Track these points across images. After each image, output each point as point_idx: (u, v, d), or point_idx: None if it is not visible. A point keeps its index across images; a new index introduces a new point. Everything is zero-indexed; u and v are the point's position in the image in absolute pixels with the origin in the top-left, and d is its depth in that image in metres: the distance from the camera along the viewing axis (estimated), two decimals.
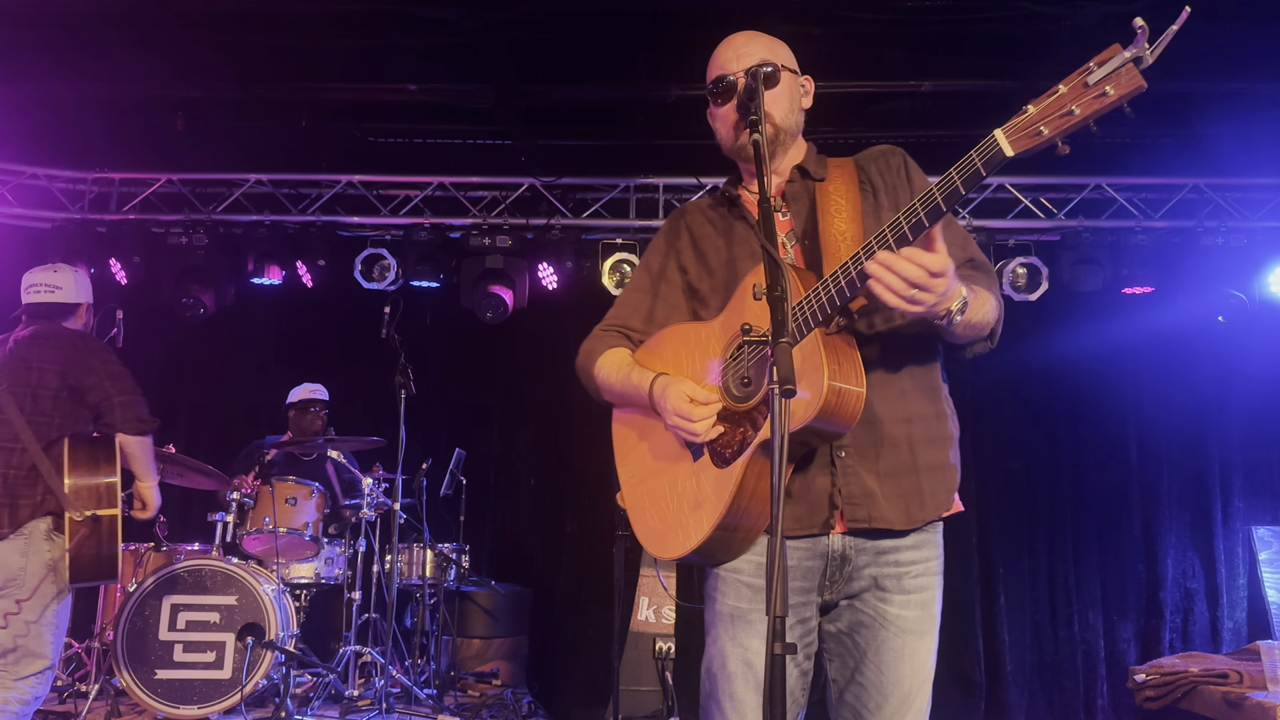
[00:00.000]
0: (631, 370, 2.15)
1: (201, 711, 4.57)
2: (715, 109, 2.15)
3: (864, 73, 5.87)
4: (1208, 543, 6.48)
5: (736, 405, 1.92)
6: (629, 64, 5.87)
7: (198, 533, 5.43)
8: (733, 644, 1.95)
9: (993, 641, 6.57)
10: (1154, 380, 6.56)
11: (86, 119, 6.57)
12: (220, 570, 4.76)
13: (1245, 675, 3.55)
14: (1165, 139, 6.42)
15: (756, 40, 2.15)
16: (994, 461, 6.61)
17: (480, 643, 6.19)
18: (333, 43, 5.71)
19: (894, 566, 1.97)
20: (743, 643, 1.94)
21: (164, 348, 6.83)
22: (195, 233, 6.65)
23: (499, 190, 6.77)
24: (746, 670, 1.92)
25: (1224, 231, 6.38)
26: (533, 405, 6.85)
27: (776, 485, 1.50)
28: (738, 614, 1.96)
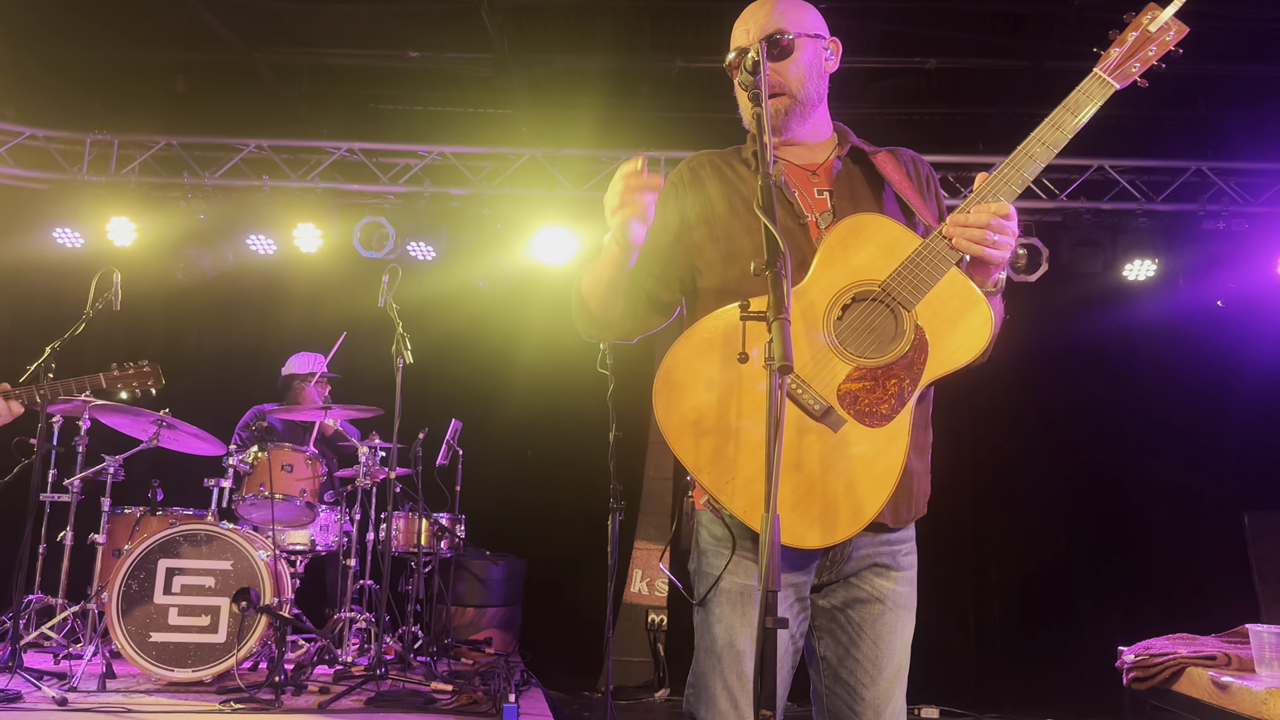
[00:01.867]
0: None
1: (196, 675, 4.59)
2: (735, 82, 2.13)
3: (869, 48, 5.84)
4: (1200, 525, 6.51)
5: (874, 361, 1.90)
6: (633, 35, 5.83)
7: (194, 498, 5.44)
8: (743, 622, 1.91)
9: (981, 618, 6.61)
10: (1152, 363, 6.56)
11: (86, 81, 6.53)
12: (216, 535, 4.78)
13: (1234, 658, 3.58)
14: (1169, 121, 6.40)
15: (765, 7, 2.12)
16: (990, 441, 6.62)
17: (474, 611, 6.23)
18: (334, 7, 5.66)
19: (888, 546, 2.06)
20: (753, 620, 1.91)
21: (161, 312, 6.82)
22: (194, 197, 6.63)
23: (499, 160, 6.73)
24: (754, 647, 1.91)
25: (1226, 215, 6.37)
26: (530, 376, 6.85)
27: (773, 462, 1.50)
28: (748, 591, 1.93)
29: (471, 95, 6.66)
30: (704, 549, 1.99)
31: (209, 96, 6.63)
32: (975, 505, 6.67)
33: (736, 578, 1.93)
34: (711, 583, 1.95)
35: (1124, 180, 6.46)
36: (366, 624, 5.43)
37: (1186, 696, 3.68)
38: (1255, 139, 6.31)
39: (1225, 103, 6.21)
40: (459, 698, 4.61)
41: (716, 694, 1.90)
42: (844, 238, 1.95)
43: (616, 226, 1.95)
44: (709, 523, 1.99)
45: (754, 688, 1.52)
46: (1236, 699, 3.31)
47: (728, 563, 1.94)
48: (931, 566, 7.55)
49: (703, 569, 1.99)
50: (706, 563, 1.98)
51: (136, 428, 5.32)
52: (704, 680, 1.92)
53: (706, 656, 1.93)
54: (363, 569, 5.61)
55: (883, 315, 1.93)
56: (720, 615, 1.93)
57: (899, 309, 1.92)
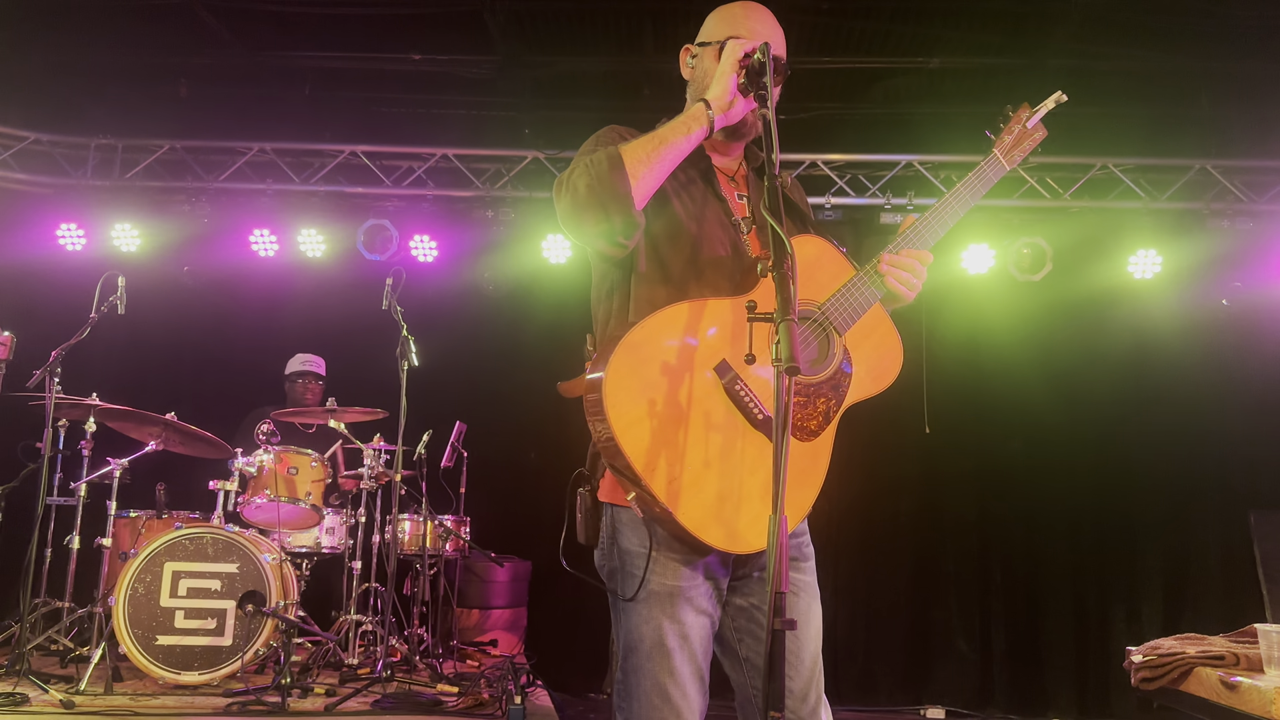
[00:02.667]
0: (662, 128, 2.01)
1: (202, 678, 4.60)
2: (710, 62, 2.15)
3: (872, 48, 5.83)
4: (1206, 523, 6.49)
5: (808, 380, 2.00)
6: (635, 36, 5.83)
7: (198, 501, 5.45)
8: (670, 621, 1.94)
9: (986, 618, 6.60)
10: (1157, 361, 6.54)
11: (89, 85, 6.54)
12: (222, 538, 4.78)
13: (1242, 657, 3.56)
14: (1173, 119, 6.38)
15: (779, 31, 2.19)
16: (995, 441, 6.61)
17: (479, 613, 6.22)
18: (337, 10, 5.67)
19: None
20: (680, 618, 1.94)
21: (166, 315, 6.82)
22: (198, 200, 6.63)
23: (503, 163, 6.74)
24: (683, 644, 1.94)
25: (1231, 214, 6.35)
26: (535, 378, 6.83)
27: (780, 462, 1.50)
28: (676, 591, 1.94)
29: (474, 97, 6.67)
30: (626, 548, 1.99)
31: (212, 100, 6.63)
32: (981, 505, 6.65)
33: (664, 579, 1.95)
34: (637, 583, 1.95)
35: (1128, 179, 6.44)
36: (372, 626, 5.44)
37: (1195, 696, 3.67)
38: (1260, 137, 6.29)
39: (1230, 100, 6.20)
40: (465, 699, 4.61)
41: (648, 691, 1.93)
42: (803, 256, 1.99)
43: (722, 93, 1.99)
44: (632, 522, 1.98)
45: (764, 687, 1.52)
46: (1245, 698, 3.30)
47: (652, 566, 1.94)
48: (937, 568, 7.55)
49: (627, 569, 1.99)
50: (631, 563, 1.98)
51: (142, 431, 5.33)
52: (635, 678, 1.96)
53: (635, 655, 1.96)
54: (368, 571, 5.61)
55: (817, 336, 2.02)
56: (648, 615, 1.95)
57: (831, 332, 2.02)
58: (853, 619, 6.62)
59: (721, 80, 2.00)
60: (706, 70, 2.16)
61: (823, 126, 6.42)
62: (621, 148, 1.95)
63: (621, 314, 2.06)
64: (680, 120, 2.01)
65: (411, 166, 6.73)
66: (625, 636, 1.99)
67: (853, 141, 6.52)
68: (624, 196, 1.92)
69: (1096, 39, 5.55)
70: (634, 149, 1.95)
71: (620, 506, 2.00)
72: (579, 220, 1.97)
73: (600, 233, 1.97)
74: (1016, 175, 6.49)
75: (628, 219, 1.94)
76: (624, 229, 1.96)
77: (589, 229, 1.97)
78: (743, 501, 1.90)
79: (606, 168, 1.92)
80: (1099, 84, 6.07)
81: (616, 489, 1.99)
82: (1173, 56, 5.72)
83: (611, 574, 2.02)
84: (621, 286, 2.09)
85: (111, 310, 4.99)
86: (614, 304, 2.10)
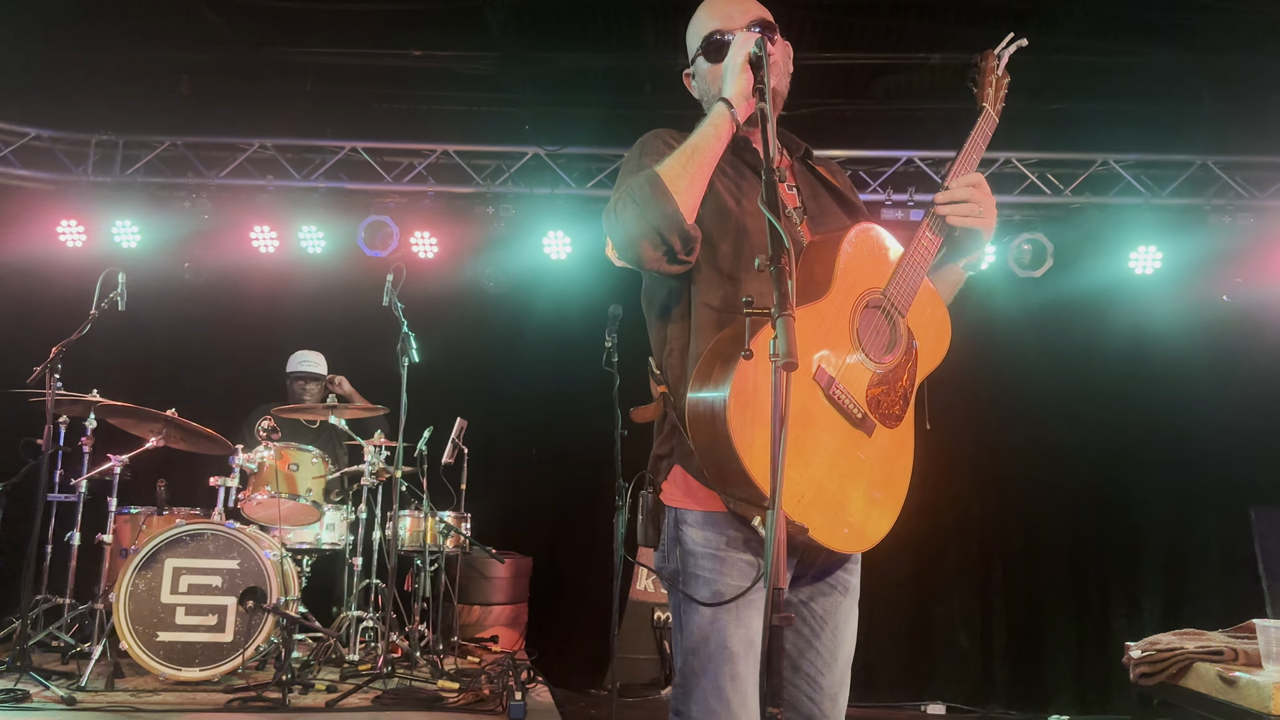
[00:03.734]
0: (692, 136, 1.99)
1: (203, 674, 4.61)
2: (711, 67, 2.15)
3: (873, 44, 5.83)
4: (1206, 519, 6.49)
5: (886, 367, 2.01)
6: (636, 31, 5.83)
7: (200, 497, 5.45)
8: (736, 623, 1.91)
9: (987, 614, 6.61)
10: (1158, 356, 6.54)
11: (90, 81, 6.53)
12: (223, 534, 4.79)
13: (1241, 653, 3.57)
14: (1174, 115, 6.38)
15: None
16: (996, 437, 6.61)
17: (480, 609, 6.23)
18: (338, 6, 5.66)
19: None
20: (747, 622, 1.91)
21: (167, 312, 6.83)
22: (199, 196, 6.63)
23: (503, 159, 6.73)
24: (749, 649, 1.91)
25: (1232, 210, 6.34)
26: (535, 374, 6.85)
27: (777, 457, 1.50)
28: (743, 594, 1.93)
29: (475, 93, 6.66)
30: (691, 550, 1.97)
31: (213, 96, 6.63)
32: (982, 502, 6.66)
33: (731, 580, 1.93)
34: (706, 585, 1.93)
35: (1129, 175, 6.43)
36: (373, 622, 5.44)
37: (1193, 692, 3.67)
38: (1261, 133, 6.28)
39: (1231, 97, 6.19)
40: (465, 695, 4.62)
41: (708, 694, 1.90)
42: (857, 247, 2.00)
43: (740, 88, 1.98)
44: (699, 523, 1.97)
45: (760, 686, 1.52)
46: (1244, 694, 3.31)
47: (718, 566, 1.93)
48: (938, 564, 7.56)
49: (691, 570, 1.96)
50: (697, 565, 1.96)
51: (143, 428, 5.33)
52: (695, 680, 1.92)
53: (696, 657, 1.92)
54: (369, 568, 5.62)
55: (884, 321, 2.01)
56: (714, 617, 1.92)
57: (895, 315, 2.02)
58: None
59: (736, 77, 2.00)
60: (706, 72, 2.16)
61: (824, 122, 6.41)
62: (657, 168, 1.94)
63: (684, 322, 2.04)
64: (708, 124, 2.00)
65: (412, 163, 6.73)
66: (687, 638, 1.95)
67: (854, 137, 6.52)
68: (672, 214, 1.91)
69: (1098, 35, 5.55)
70: (669, 165, 1.95)
71: (686, 509, 1.99)
72: (636, 249, 1.94)
73: (660, 255, 1.95)
74: (1018, 172, 6.49)
75: (683, 234, 1.93)
76: (683, 245, 1.94)
77: (648, 254, 1.95)
78: (846, 501, 1.91)
79: (648, 190, 1.92)
80: (1100, 80, 6.07)
81: (684, 492, 1.99)
82: (1174, 52, 5.72)
83: (674, 576, 2.00)
84: (680, 294, 2.06)
85: (112, 307, 4.99)
86: (674, 315, 2.07)
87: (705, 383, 1.85)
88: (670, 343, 2.07)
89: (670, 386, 2.04)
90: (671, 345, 2.06)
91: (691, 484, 1.98)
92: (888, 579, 6.62)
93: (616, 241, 1.97)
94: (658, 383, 2.07)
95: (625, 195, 1.95)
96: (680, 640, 1.97)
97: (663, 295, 2.11)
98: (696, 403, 1.85)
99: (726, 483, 1.85)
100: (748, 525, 1.90)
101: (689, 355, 2.01)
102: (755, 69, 1.96)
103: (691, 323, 2.02)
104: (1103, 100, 6.28)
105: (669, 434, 2.04)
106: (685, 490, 1.99)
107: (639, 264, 1.98)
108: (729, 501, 1.89)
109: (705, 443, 1.83)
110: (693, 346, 2.01)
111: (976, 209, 2.07)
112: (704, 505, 1.96)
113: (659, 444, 2.08)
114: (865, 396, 1.95)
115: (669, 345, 2.07)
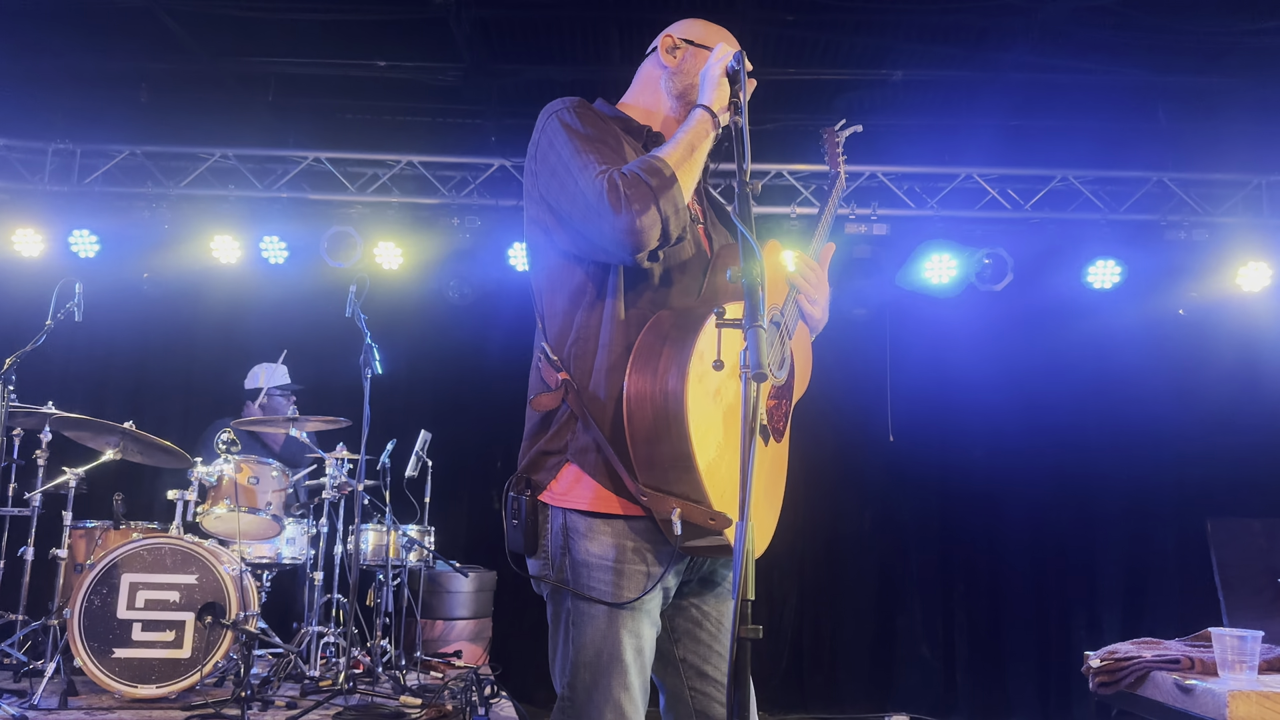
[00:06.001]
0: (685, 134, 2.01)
1: (160, 691, 4.52)
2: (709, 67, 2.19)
3: (835, 61, 5.88)
4: (1163, 531, 6.59)
5: (778, 381, 2.08)
6: (602, 45, 5.85)
7: (158, 511, 5.37)
8: (629, 634, 1.89)
9: (950, 625, 6.66)
10: (1115, 370, 6.65)
11: (48, 89, 6.44)
12: (181, 549, 4.71)
13: (1197, 661, 3.62)
14: (1131, 133, 6.49)
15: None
16: (956, 449, 6.68)
17: (443, 624, 6.18)
18: (301, 16, 5.63)
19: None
20: (637, 631, 1.90)
21: (125, 323, 6.73)
22: (158, 206, 6.55)
23: (469, 170, 6.72)
24: (638, 658, 1.90)
25: (1187, 226, 6.47)
26: (500, 387, 6.81)
27: (747, 466, 1.51)
28: (639, 604, 1.90)
29: (440, 105, 6.65)
30: (583, 560, 1.91)
31: (173, 105, 6.55)
32: (943, 514, 6.72)
33: (627, 592, 1.89)
34: (599, 595, 1.89)
35: (1087, 190, 6.54)
36: (334, 638, 5.38)
37: (1151, 700, 3.72)
38: (1215, 150, 6.41)
39: (1185, 114, 6.32)
40: (429, 711, 4.57)
41: (601, 708, 1.87)
42: (768, 262, 2.00)
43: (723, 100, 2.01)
44: (592, 530, 1.91)
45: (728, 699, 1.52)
46: (1200, 702, 3.35)
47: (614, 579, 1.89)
48: (900, 576, 7.62)
49: (583, 581, 1.91)
50: (588, 575, 1.90)
51: (99, 440, 5.24)
52: (588, 694, 1.89)
53: (588, 671, 1.89)
54: (330, 582, 5.56)
55: (779, 339, 2.07)
56: (607, 629, 1.89)
57: (785, 336, 2.09)
58: (817, 627, 6.66)
59: (720, 89, 2.02)
60: (695, 69, 2.16)
61: (786, 137, 6.47)
62: (664, 155, 1.93)
63: (596, 310, 1.97)
64: (699, 128, 2.00)
65: (376, 173, 6.70)
66: (577, 652, 1.90)
67: (816, 152, 6.55)
68: (684, 208, 1.94)
69: (1056, 53, 5.64)
70: (675, 158, 1.94)
71: (577, 512, 1.92)
72: (640, 237, 1.87)
73: (656, 247, 1.91)
74: (978, 186, 6.57)
75: (680, 229, 1.93)
76: (676, 239, 1.94)
77: (649, 243, 1.89)
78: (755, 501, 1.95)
79: (664, 176, 1.90)
80: (1058, 97, 6.17)
81: (573, 492, 1.93)
82: (1130, 70, 5.83)
83: (559, 586, 1.93)
84: (600, 282, 2.00)
85: (69, 317, 4.91)
86: (585, 302, 2.00)
87: (652, 366, 1.84)
88: (578, 330, 1.99)
89: (573, 375, 1.97)
90: (579, 333, 1.99)
91: (586, 483, 1.92)
92: (850, 591, 6.66)
93: (619, 226, 1.85)
94: (556, 369, 2.00)
95: (636, 176, 1.88)
96: (568, 652, 1.92)
97: (575, 280, 2.02)
98: (641, 386, 1.83)
99: (661, 473, 1.82)
100: (653, 528, 1.87)
101: (601, 344, 1.95)
102: (732, 82, 1.99)
103: (605, 312, 1.96)
104: (1060, 117, 6.38)
105: (564, 427, 1.97)
106: (577, 491, 1.93)
107: (634, 250, 1.88)
108: (645, 498, 1.83)
109: (646, 429, 1.82)
110: (606, 335, 1.94)
111: (813, 293, 2.15)
112: (600, 507, 1.91)
113: (548, 440, 2.00)
114: (765, 406, 2.02)
115: (576, 333, 1.99)
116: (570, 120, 2.01)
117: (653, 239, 1.88)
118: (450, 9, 5.32)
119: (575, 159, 1.94)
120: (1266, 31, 5.36)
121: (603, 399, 1.91)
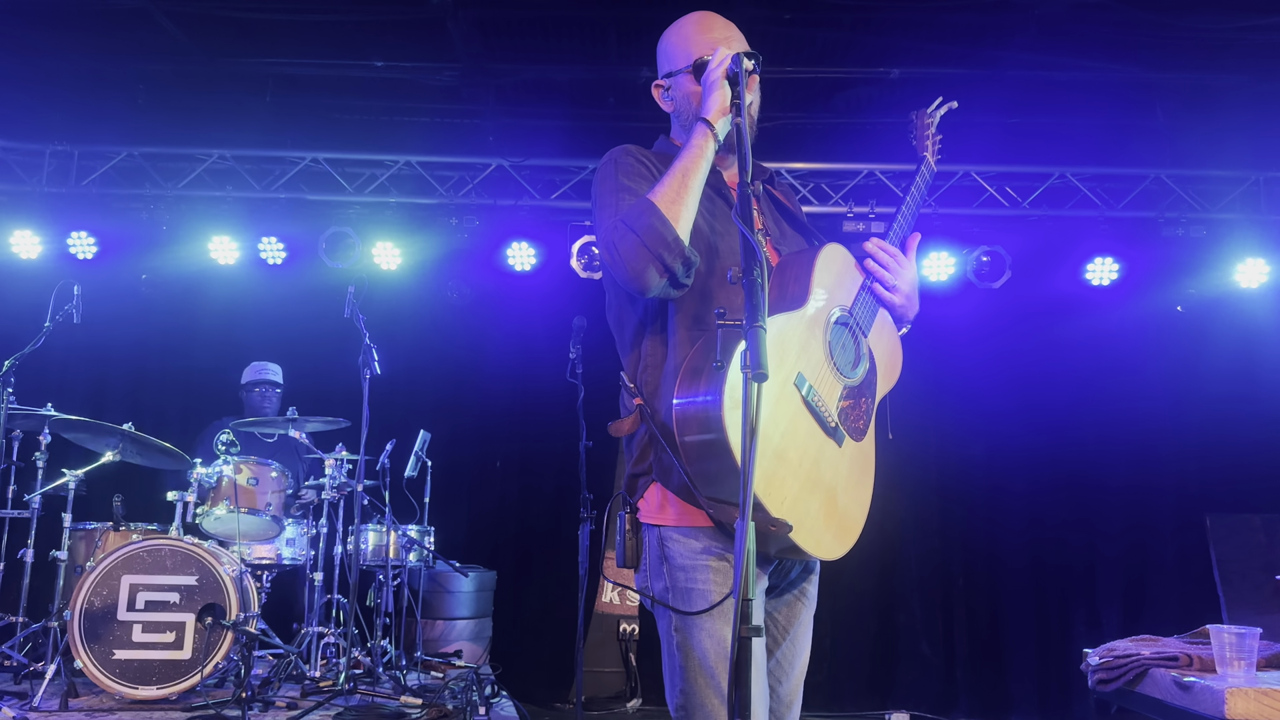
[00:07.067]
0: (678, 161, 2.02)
1: (161, 692, 4.52)
2: (690, 87, 2.19)
3: (834, 58, 5.88)
4: (1163, 527, 6.59)
5: (853, 381, 2.07)
6: (600, 44, 5.84)
7: (157, 513, 5.37)
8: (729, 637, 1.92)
9: (949, 623, 6.66)
10: (1114, 367, 6.65)
11: (45, 91, 6.43)
12: (180, 550, 4.71)
13: (1196, 658, 3.62)
14: (1129, 130, 6.49)
15: (733, 26, 2.24)
16: (955, 447, 6.68)
17: (443, 624, 6.18)
18: (298, 17, 5.62)
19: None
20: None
21: (123, 324, 6.73)
22: (156, 207, 6.55)
23: (466, 170, 6.71)
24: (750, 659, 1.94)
25: (1184, 223, 6.47)
26: (499, 386, 6.83)
27: (747, 468, 1.51)
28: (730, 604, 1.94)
29: (438, 105, 6.63)
30: (682, 564, 1.97)
31: (171, 106, 6.54)
32: (942, 512, 6.72)
33: (727, 589, 1.94)
34: (704, 596, 1.94)
35: (1085, 187, 6.54)
36: (334, 638, 5.38)
37: (1150, 697, 3.72)
38: (1212, 147, 6.41)
39: (1183, 111, 6.31)
40: (429, 711, 4.57)
41: (713, 709, 1.91)
42: (828, 264, 2.07)
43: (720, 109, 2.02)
44: (684, 538, 1.98)
45: (729, 697, 1.53)
46: (1198, 699, 3.36)
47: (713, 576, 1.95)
48: (900, 573, 7.61)
49: (682, 585, 1.97)
50: (689, 578, 1.96)
51: (99, 442, 5.24)
52: (699, 696, 1.93)
53: (696, 670, 1.93)
54: (330, 583, 5.56)
55: (850, 337, 2.08)
56: (709, 629, 1.93)
57: (859, 333, 2.10)
58: (817, 625, 6.63)
59: (716, 95, 2.03)
60: (689, 93, 2.18)
61: (784, 135, 6.47)
62: (652, 197, 1.97)
63: (660, 337, 2.07)
64: (693, 147, 2.02)
65: (374, 173, 6.69)
66: (683, 656, 1.95)
67: (815, 150, 6.57)
68: (674, 242, 1.94)
69: (1054, 50, 5.64)
70: (663, 192, 1.97)
71: (668, 526, 2.00)
72: (642, 280, 1.96)
73: (664, 282, 1.97)
74: (976, 184, 6.58)
75: (685, 260, 1.96)
76: (685, 270, 1.97)
77: (654, 283, 1.96)
78: (822, 507, 1.97)
79: (648, 220, 1.94)
80: (1056, 94, 6.16)
81: (662, 510, 2.00)
82: (1128, 68, 5.83)
83: (663, 595, 2.00)
84: (656, 311, 2.09)
85: (67, 319, 4.91)
86: (649, 331, 2.09)
87: (694, 386, 1.88)
88: (646, 358, 2.08)
89: (646, 399, 2.04)
90: (647, 360, 2.08)
91: (671, 500, 1.98)
92: (850, 589, 6.66)
93: (620, 274, 1.98)
94: (632, 395, 2.08)
95: (623, 227, 1.96)
96: (674, 663, 1.97)
97: (637, 313, 2.12)
98: (686, 405, 1.88)
99: (717, 485, 1.87)
100: (731, 535, 1.91)
101: (665, 369, 2.02)
102: (733, 85, 1.98)
103: (668, 338, 2.04)
104: (1058, 114, 6.38)
105: (645, 449, 2.05)
106: (664, 507, 2.00)
107: (644, 292, 1.99)
108: (712, 510, 1.90)
109: (696, 444, 1.86)
110: (670, 360, 2.02)
111: (891, 279, 2.14)
112: (685, 521, 1.97)
113: (635, 462, 2.08)
114: (837, 407, 2.00)
115: (644, 360, 2.08)
116: (611, 166, 2.14)
117: (652, 281, 1.96)
118: (448, 9, 5.31)
119: (605, 207, 2.07)
120: (1264, 28, 5.36)
121: (667, 421, 1.97)
